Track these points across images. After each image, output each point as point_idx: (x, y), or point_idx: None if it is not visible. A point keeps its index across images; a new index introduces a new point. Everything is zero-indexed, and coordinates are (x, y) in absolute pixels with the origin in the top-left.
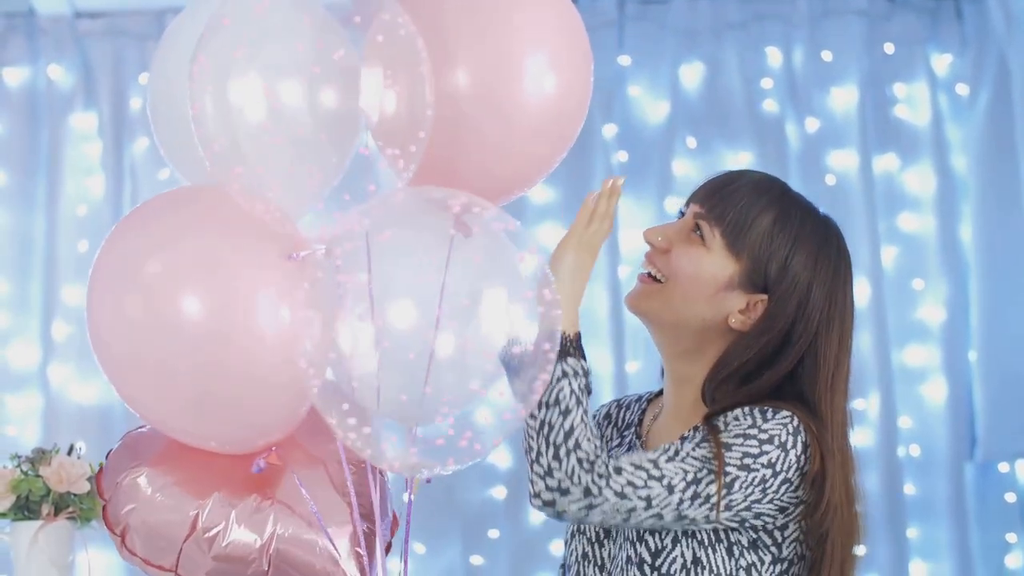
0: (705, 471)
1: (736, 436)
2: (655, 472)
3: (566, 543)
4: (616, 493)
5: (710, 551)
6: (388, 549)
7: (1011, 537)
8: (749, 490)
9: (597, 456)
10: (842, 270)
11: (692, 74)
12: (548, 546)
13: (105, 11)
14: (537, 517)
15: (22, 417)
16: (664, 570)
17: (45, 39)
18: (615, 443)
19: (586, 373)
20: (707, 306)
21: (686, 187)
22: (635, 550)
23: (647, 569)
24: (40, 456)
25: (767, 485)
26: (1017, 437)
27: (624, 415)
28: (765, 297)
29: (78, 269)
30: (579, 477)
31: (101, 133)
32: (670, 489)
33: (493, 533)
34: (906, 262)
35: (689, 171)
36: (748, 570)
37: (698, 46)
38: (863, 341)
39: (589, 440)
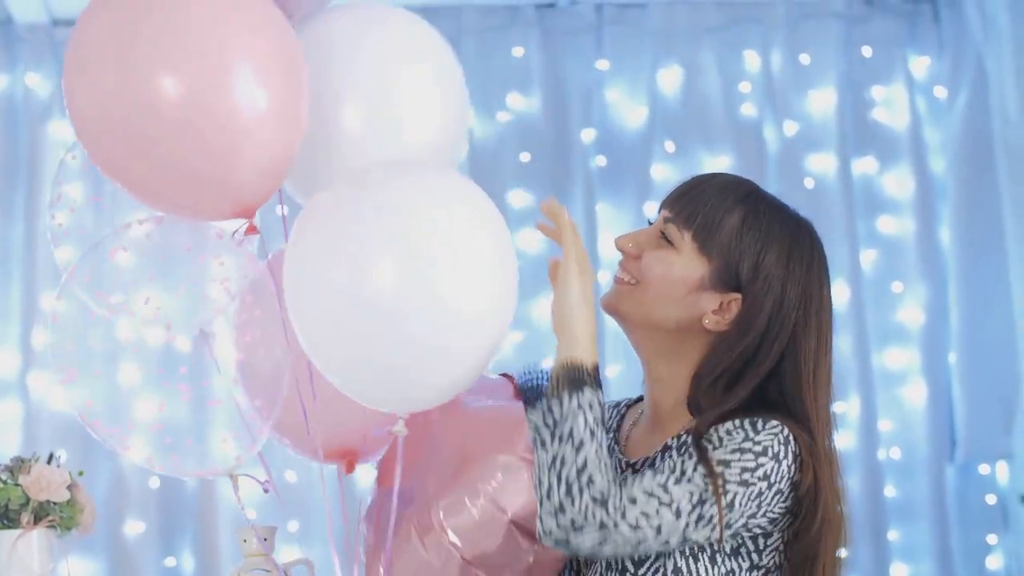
0: (709, 492)
1: (733, 451)
2: (665, 498)
3: None
4: (631, 526)
5: (692, 561)
6: None
7: (991, 538)
8: (747, 505)
9: (611, 490)
10: (815, 267)
11: (670, 78)
12: None
13: None
14: None
15: (1, 426)
16: None
17: (22, 47)
18: None
19: (601, 405)
20: (679, 307)
21: (665, 191)
22: (617, 560)
23: None
24: (19, 464)
25: (762, 498)
26: (997, 438)
27: None
28: (739, 296)
29: (58, 277)
30: (593, 514)
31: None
32: (678, 514)
33: None
34: (885, 265)
35: (668, 175)
36: None
37: (676, 50)
38: (843, 344)
39: (602, 474)
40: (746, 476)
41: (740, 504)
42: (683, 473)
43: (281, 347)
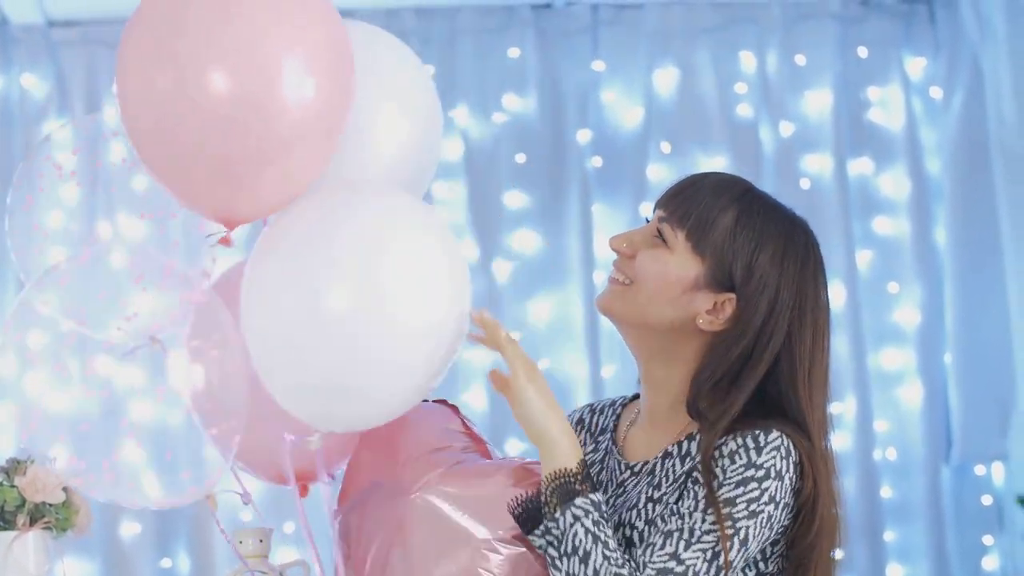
0: (717, 542)
1: (736, 486)
2: (680, 569)
3: None
4: None
5: None
6: None
7: (987, 539)
8: (759, 533)
9: None
10: (810, 265)
11: (666, 79)
12: None
13: (78, 20)
14: None
15: None
16: None
17: (18, 48)
18: (589, 449)
19: (597, 506)
20: (673, 307)
21: (661, 192)
22: None
23: None
24: (15, 466)
25: (772, 519)
26: (993, 439)
27: (598, 420)
28: (733, 296)
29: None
30: None
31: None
32: None
33: None
34: (881, 265)
35: (664, 176)
36: None
37: (672, 51)
38: (838, 344)
39: (614, 574)
40: (753, 507)
41: (753, 535)
42: (691, 533)
43: (240, 370)
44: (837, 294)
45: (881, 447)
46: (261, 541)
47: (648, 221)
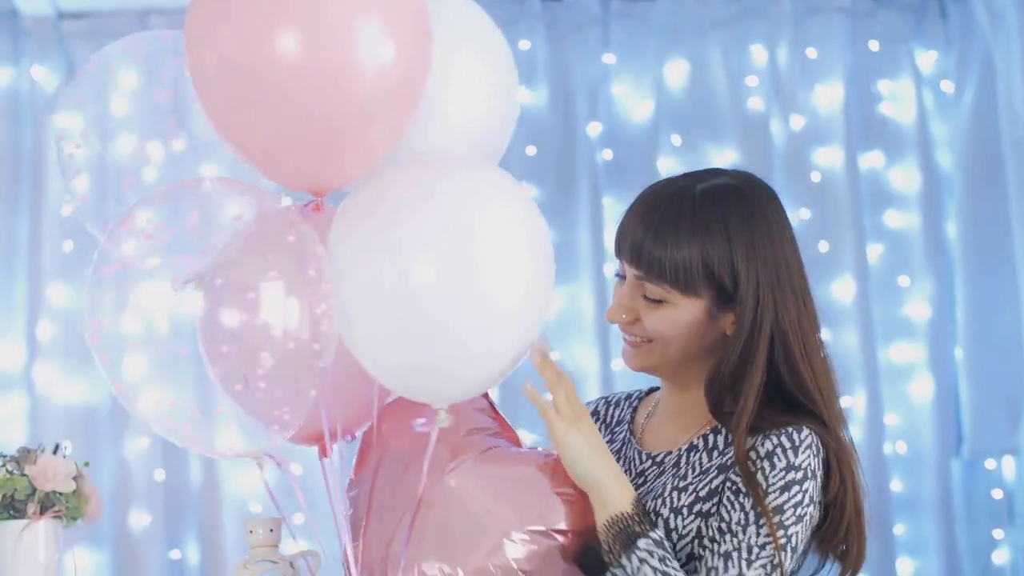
0: (774, 554)
1: (781, 492)
2: None
3: None
4: None
5: None
6: None
7: (998, 533)
8: (804, 533)
9: None
10: (775, 234)
11: (677, 72)
12: None
13: (88, 12)
14: None
15: (7, 418)
16: None
17: (28, 40)
18: (606, 440)
19: (660, 543)
20: (703, 339)
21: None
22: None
23: None
24: (25, 455)
25: (812, 520)
26: (1003, 433)
27: (613, 412)
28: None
29: (63, 269)
30: None
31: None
32: None
33: None
34: (892, 259)
35: (674, 169)
36: None
37: (682, 44)
38: (849, 338)
39: None
40: (799, 511)
41: (800, 539)
42: (750, 550)
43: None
44: (847, 287)
45: (891, 441)
46: (271, 531)
47: (620, 275)
